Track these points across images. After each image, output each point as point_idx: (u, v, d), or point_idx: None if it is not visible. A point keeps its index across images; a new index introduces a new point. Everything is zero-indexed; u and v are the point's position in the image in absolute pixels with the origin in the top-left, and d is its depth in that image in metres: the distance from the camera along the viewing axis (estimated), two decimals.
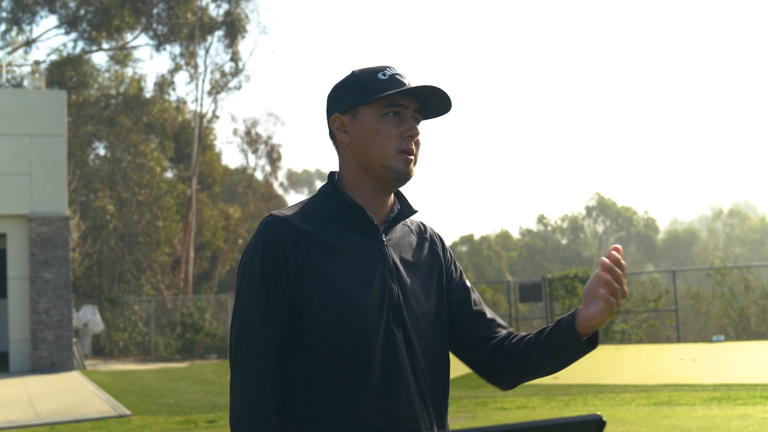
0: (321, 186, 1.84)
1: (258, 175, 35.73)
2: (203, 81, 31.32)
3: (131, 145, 27.31)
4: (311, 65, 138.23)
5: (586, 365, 12.70)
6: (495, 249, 56.59)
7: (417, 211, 1.86)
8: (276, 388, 1.67)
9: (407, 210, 1.84)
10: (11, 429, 9.26)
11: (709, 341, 16.48)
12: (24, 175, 16.35)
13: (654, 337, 18.55)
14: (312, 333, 1.68)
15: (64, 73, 27.72)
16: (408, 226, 1.88)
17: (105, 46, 30.46)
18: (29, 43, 29.71)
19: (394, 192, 1.84)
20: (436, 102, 1.78)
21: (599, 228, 66.98)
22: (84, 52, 29.67)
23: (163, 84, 31.30)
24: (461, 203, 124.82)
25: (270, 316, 1.67)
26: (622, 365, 13.08)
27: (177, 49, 30.97)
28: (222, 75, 31.50)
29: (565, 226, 65.78)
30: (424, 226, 1.93)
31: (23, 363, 16.18)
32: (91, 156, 28.98)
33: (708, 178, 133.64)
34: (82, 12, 29.38)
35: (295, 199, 45.64)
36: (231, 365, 1.71)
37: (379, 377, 1.67)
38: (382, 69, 1.77)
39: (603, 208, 66.21)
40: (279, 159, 35.14)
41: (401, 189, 1.85)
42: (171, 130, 30.34)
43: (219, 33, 31.28)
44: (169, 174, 30.79)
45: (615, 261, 1.64)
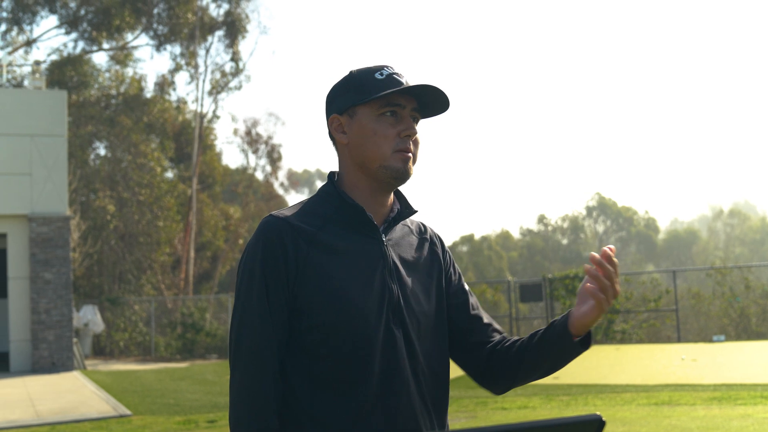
0: (321, 186, 1.84)
1: (258, 175, 35.77)
2: (204, 81, 31.35)
3: (132, 145, 27.31)
4: (312, 65, 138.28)
5: (586, 365, 12.69)
6: (495, 249, 56.57)
7: (417, 211, 1.86)
8: (276, 388, 1.67)
9: (407, 210, 1.84)
10: (11, 429, 9.27)
11: (710, 341, 16.48)
12: (24, 175, 16.35)
13: (654, 337, 18.55)
14: (312, 333, 1.67)
15: (64, 73, 27.72)
16: (408, 226, 1.88)
17: (105, 46, 30.48)
18: (30, 43, 29.73)
19: (393, 192, 1.83)
20: (433, 101, 1.77)
21: (600, 228, 66.98)
22: (84, 52, 29.67)
23: (164, 84, 31.31)
24: (462, 203, 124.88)
25: (270, 316, 1.67)
26: (622, 365, 13.08)
27: (177, 49, 31.01)
28: (222, 75, 31.52)
29: (566, 226, 65.76)
30: (424, 226, 1.92)
31: (24, 363, 16.18)
32: (92, 156, 28.99)
33: (708, 178, 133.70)
34: (82, 12, 29.39)
35: (296, 199, 45.62)
36: (231, 365, 1.71)
37: (379, 377, 1.67)
38: (379, 69, 1.77)
39: (603, 208, 66.20)
40: (279, 159, 35.17)
41: (401, 189, 1.84)
42: (171, 130, 30.34)
43: (219, 33, 31.29)
44: (170, 174, 30.79)
45: (606, 258, 1.63)
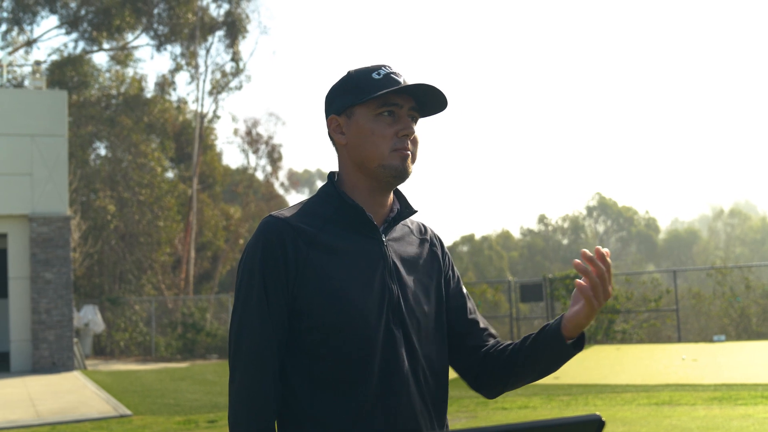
0: (321, 186, 1.84)
1: (259, 175, 35.76)
2: (204, 81, 31.34)
3: (132, 145, 27.30)
4: (312, 65, 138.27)
5: (587, 365, 12.70)
6: (496, 249, 56.57)
7: (417, 211, 1.85)
8: (275, 388, 1.67)
9: (407, 210, 1.84)
10: (12, 429, 9.27)
11: (710, 341, 16.48)
12: (25, 175, 16.36)
13: (655, 337, 18.55)
14: (312, 333, 1.67)
15: (64, 73, 27.72)
16: (408, 226, 1.87)
17: (106, 46, 30.48)
18: (30, 43, 29.73)
19: (393, 192, 1.83)
20: (431, 100, 1.77)
21: (600, 228, 66.95)
22: (85, 52, 29.68)
23: (164, 84, 31.30)
24: (462, 203, 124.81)
25: (269, 316, 1.67)
26: (622, 365, 13.08)
27: (178, 49, 31.00)
28: (223, 75, 31.51)
29: (566, 226, 65.73)
30: (424, 227, 1.92)
31: (24, 363, 16.19)
32: (92, 156, 28.99)
33: (709, 177, 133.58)
34: (82, 12, 29.39)
35: (296, 199, 45.59)
36: (230, 365, 1.71)
37: (379, 377, 1.67)
38: (377, 68, 1.76)
39: (604, 207, 66.18)
40: (280, 159, 35.15)
41: (401, 189, 1.84)
42: (172, 130, 30.35)
43: (220, 33, 31.28)
44: (170, 174, 30.79)
45: (599, 256, 1.63)
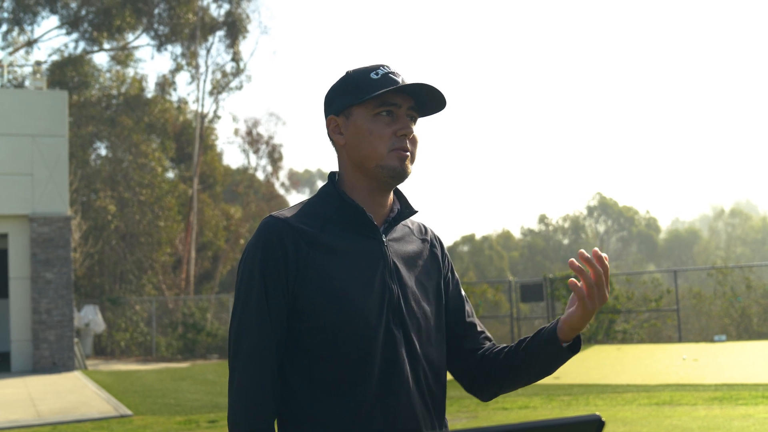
0: (321, 186, 1.84)
1: (259, 175, 35.76)
2: (204, 81, 31.32)
3: (132, 145, 27.30)
4: (312, 65, 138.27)
5: (587, 365, 12.70)
6: (496, 249, 56.54)
7: (417, 212, 1.85)
8: (275, 388, 1.67)
9: (407, 210, 1.84)
10: (13, 429, 9.27)
11: (711, 341, 16.47)
12: (25, 176, 16.36)
13: (655, 337, 18.55)
14: (312, 334, 1.67)
15: (65, 74, 27.72)
16: (408, 226, 1.87)
17: (106, 46, 30.47)
18: (30, 44, 29.72)
19: (393, 192, 1.83)
20: (430, 99, 1.76)
21: (601, 228, 66.92)
22: (85, 52, 29.67)
23: (165, 84, 31.29)
24: (462, 203, 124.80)
25: (269, 316, 1.67)
26: (623, 365, 13.08)
27: (178, 50, 30.98)
28: (223, 75, 31.49)
29: (567, 225, 65.70)
30: (425, 228, 1.92)
31: (25, 363, 16.19)
32: (93, 156, 28.99)
33: (709, 177, 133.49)
34: (83, 12, 29.38)
35: (297, 199, 45.63)
36: (230, 365, 1.71)
37: (379, 377, 1.67)
38: (375, 68, 1.76)
39: (604, 207, 66.14)
40: (280, 159, 35.14)
41: (401, 189, 1.84)
42: (172, 130, 30.34)
43: (220, 33, 31.26)
44: (171, 174, 30.79)
45: (597, 258, 1.62)
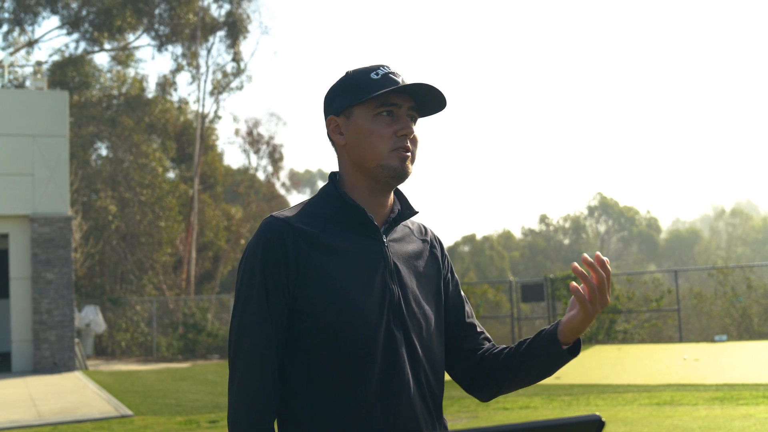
0: (322, 186, 1.84)
1: (260, 176, 35.73)
2: (205, 81, 31.32)
3: (133, 146, 27.31)
4: (313, 65, 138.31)
5: (588, 365, 12.69)
6: (497, 249, 56.52)
7: (418, 212, 1.85)
8: (275, 388, 1.67)
9: (408, 211, 1.84)
10: (13, 429, 9.27)
11: (712, 341, 16.47)
12: (26, 176, 16.36)
13: (656, 337, 18.54)
14: (312, 334, 1.67)
15: (66, 74, 27.72)
16: (409, 227, 1.87)
17: (107, 46, 30.48)
18: (31, 44, 29.73)
19: (394, 192, 1.83)
20: (430, 99, 1.77)
21: (601, 228, 66.91)
22: (86, 52, 29.68)
23: (165, 84, 31.29)
24: (463, 203, 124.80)
25: (270, 316, 1.67)
26: (624, 365, 13.07)
27: (179, 50, 30.98)
28: (224, 75, 31.49)
29: (567, 225, 65.68)
30: (425, 228, 1.92)
31: (25, 363, 16.19)
32: (93, 156, 28.99)
33: (710, 177, 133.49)
34: (84, 12, 29.39)
35: (297, 200, 45.64)
36: (230, 365, 1.71)
37: (379, 377, 1.67)
38: (375, 68, 1.76)
39: (605, 207, 66.12)
40: (281, 159, 35.11)
41: (402, 189, 1.84)
42: (173, 130, 30.34)
43: (221, 33, 31.26)
44: (171, 174, 30.79)
45: (600, 263, 1.64)
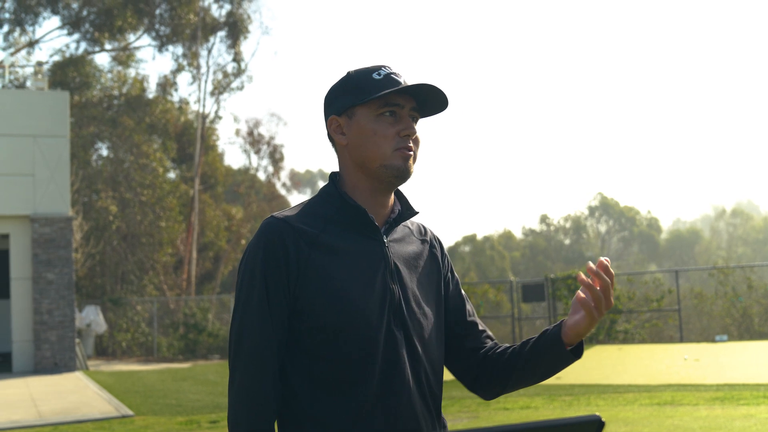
0: (322, 187, 1.84)
1: (260, 176, 35.72)
2: (205, 81, 31.32)
3: (134, 146, 27.31)
4: (313, 65, 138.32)
5: (588, 365, 12.68)
6: (498, 249, 56.49)
7: (418, 213, 1.85)
8: (276, 388, 1.67)
9: (408, 211, 1.84)
10: (14, 429, 9.27)
11: (712, 341, 16.46)
12: (27, 176, 16.36)
13: (657, 337, 18.54)
14: (313, 334, 1.67)
15: (66, 74, 27.72)
16: (408, 227, 1.87)
17: (107, 46, 30.48)
18: (32, 44, 29.73)
19: (394, 192, 1.83)
20: (432, 100, 1.77)
21: (602, 228, 66.87)
22: (87, 52, 29.68)
23: (166, 85, 31.29)
24: (464, 203, 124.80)
25: (270, 316, 1.67)
26: (624, 365, 13.07)
27: (179, 50, 30.98)
28: (224, 75, 31.48)
29: (568, 226, 65.64)
30: (425, 228, 1.92)
31: (26, 363, 16.20)
32: (94, 157, 28.99)
33: (711, 177, 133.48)
34: (84, 13, 29.40)
35: (298, 200, 45.63)
36: (230, 365, 1.70)
37: (380, 378, 1.67)
38: (377, 69, 1.76)
39: (606, 207, 66.08)
40: (281, 159, 35.08)
41: (402, 190, 1.84)
42: (173, 130, 30.34)
43: (221, 33, 31.26)
44: (172, 174, 30.79)
45: (603, 268, 1.64)
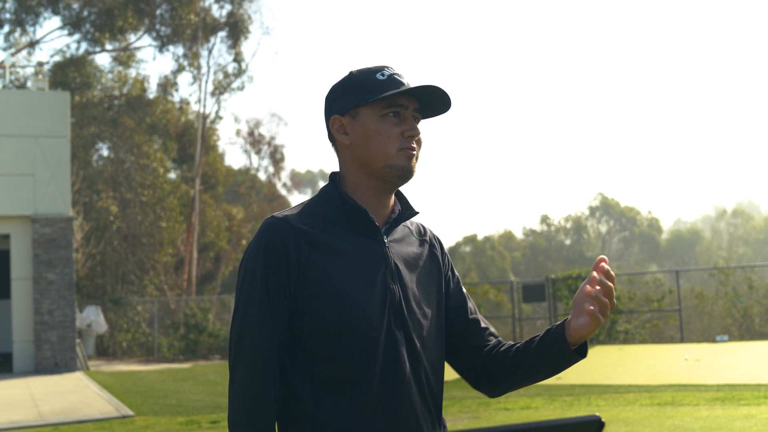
0: (322, 187, 1.84)
1: (261, 176, 35.72)
2: (206, 82, 31.31)
3: (134, 146, 27.32)
4: (314, 66, 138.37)
5: (589, 366, 12.68)
6: (498, 249, 56.49)
7: (418, 213, 1.85)
8: (276, 389, 1.67)
9: (408, 211, 1.84)
10: (14, 429, 9.27)
11: (713, 341, 16.45)
12: (27, 176, 16.36)
13: (657, 338, 18.54)
14: (313, 334, 1.67)
15: (67, 74, 27.73)
16: (408, 227, 1.87)
17: (108, 47, 30.48)
18: (33, 45, 29.73)
19: (395, 193, 1.83)
20: (435, 101, 1.77)
21: (603, 228, 66.86)
22: (87, 53, 29.68)
23: (166, 85, 31.29)
24: (464, 204, 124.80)
25: (271, 317, 1.67)
26: (625, 365, 13.06)
27: (180, 50, 30.98)
28: (225, 76, 31.48)
29: (569, 226, 65.62)
30: (424, 228, 1.92)
31: (27, 364, 16.20)
32: (95, 157, 29.00)
33: (712, 177, 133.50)
34: (85, 13, 29.40)
35: (299, 200, 45.60)
36: (231, 366, 1.70)
37: (380, 378, 1.67)
38: (380, 69, 1.77)
39: (606, 208, 66.06)
40: (282, 159, 35.09)
41: (402, 190, 1.84)
42: (174, 130, 30.35)
43: (222, 34, 31.26)
44: (173, 175, 30.80)
45: (605, 273, 1.63)
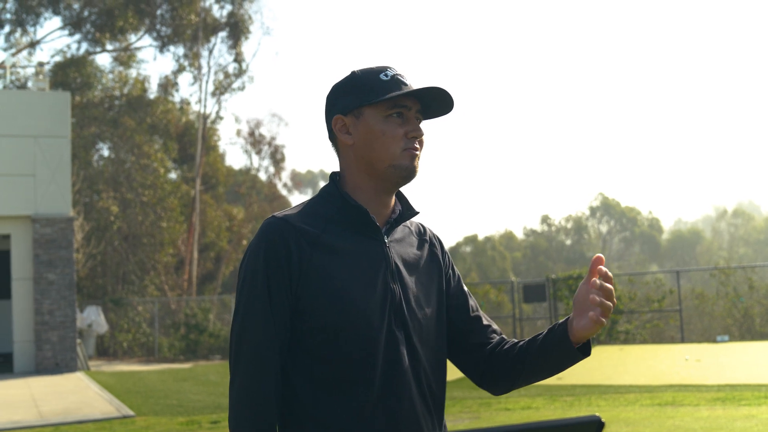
0: (323, 186, 1.83)
1: (262, 176, 35.74)
2: (207, 82, 31.32)
3: (135, 146, 27.33)
4: (315, 66, 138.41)
5: (590, 366, 12.67)
6: (499, 249, 56.49)
7: (418, 213, 1.85)
8: (277, 389, 1.67)
9: (408, 211, 1.84)
10: (15, 430, 9.28)
11: (714, 341, 16.45)
12: (28, 176, 16.37)
13: (658, 338, 18.53)
14: (314, 334, 1.67)
15: (67, 75, 27.74)
16: (408, 227, 1.88)
17: (109, 47, 30.49)
18: (33, 45, 29.74)
19: (395, 193, 1.83)
20: (438, 103, 1.78)
21: (603, 228, 66.86)
22: (88, 53, 29.70)
23: (167, 85, 31.30)
24: (465, 204, 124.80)
25: (272, 317, 1.67)
26: (626, 366, 13.06)
27: (180, 51, 31.00)
28: (225, 76, 31.49)
29: (569, 226, 65.63)
30: (424, 228, 1.92)
31: (27, 364, 16.20)
32: (95, 157, 29.01)
33: (712, 178, 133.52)
34: (86, 13, 29.42)
35: (299, 200, 45.60)
36: (231, 366, 1.70)
37: (381, 378, 1.67)
38: (383, 70, 1.77)
39: (607, 208, 66.06)
40: (283, 160, 35.11)
41: (402, 190, 1.84)
42: (175, 131, 30.36)
43: (222, 34, 31.27)
44: (173, 175, 30.81)
45: (603, 276, 1.64)
